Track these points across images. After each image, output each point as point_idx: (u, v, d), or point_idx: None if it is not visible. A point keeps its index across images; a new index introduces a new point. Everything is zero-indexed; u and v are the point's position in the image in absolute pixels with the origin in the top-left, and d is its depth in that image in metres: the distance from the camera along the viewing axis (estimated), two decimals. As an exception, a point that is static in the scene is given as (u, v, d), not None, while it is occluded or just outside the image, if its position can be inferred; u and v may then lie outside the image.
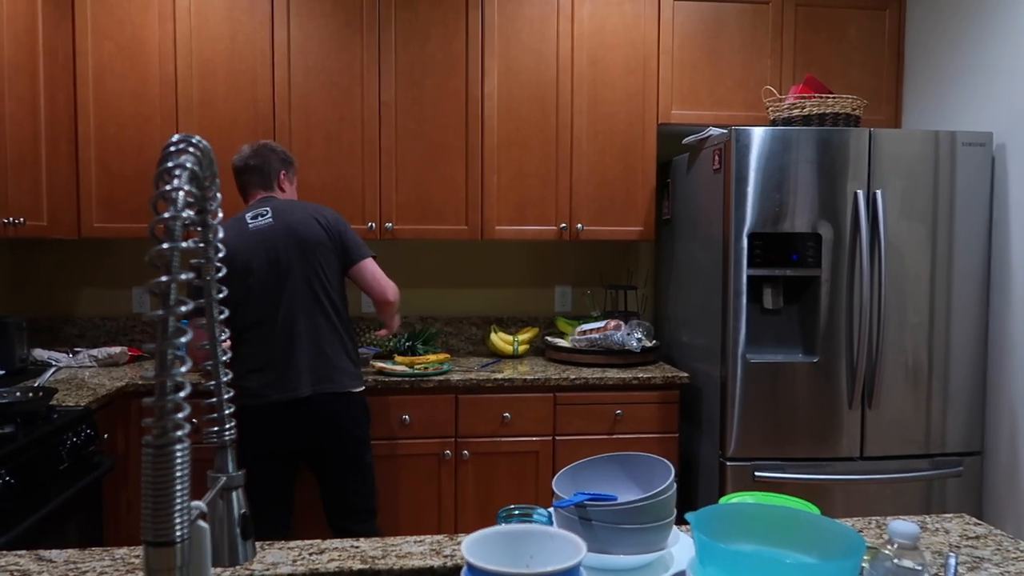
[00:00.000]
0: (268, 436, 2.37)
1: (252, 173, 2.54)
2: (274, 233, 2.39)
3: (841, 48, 3.31)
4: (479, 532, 0.84)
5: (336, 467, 2.44)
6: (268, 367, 2.35)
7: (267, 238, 2.39)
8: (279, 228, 2.40)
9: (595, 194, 3.21)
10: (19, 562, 1.20)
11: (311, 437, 2.39)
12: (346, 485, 2.46)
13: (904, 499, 2.75)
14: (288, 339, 2.36)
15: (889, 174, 2.69)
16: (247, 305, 2.37)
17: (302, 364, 2.35)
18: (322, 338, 2.39)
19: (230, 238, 2.38)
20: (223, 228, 2.41)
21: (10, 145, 2.52)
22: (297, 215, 2.43)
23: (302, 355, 2.36)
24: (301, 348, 2.36)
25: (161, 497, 0.68)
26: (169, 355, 0.70)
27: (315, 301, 2.40)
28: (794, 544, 0.87)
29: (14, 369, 2.74)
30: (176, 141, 0.78)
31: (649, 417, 2.93)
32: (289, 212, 2.44)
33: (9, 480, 1.83)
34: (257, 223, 2.41)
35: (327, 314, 2.41)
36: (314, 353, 2.37)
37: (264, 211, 2.44)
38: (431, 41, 3.10)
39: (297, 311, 2.37)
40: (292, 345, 2.36)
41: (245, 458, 2.38)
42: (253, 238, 2.38)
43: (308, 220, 2.43)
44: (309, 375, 2.36)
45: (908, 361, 2.73)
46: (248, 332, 2.38)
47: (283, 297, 2.37)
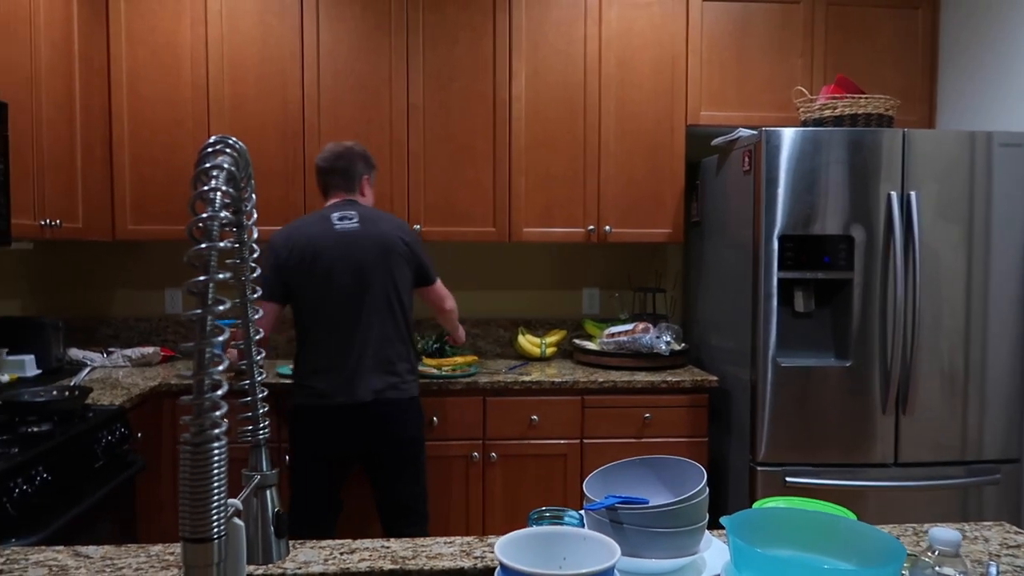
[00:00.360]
0: (328, 437, 2.40)
1: (337, 175, 2.55)
2: (360, 239, 2.42)
3: (873, 48, 3.26)
4: (512, 533, 0.84)
5: (393, 469, 2.48)
6: (336, 369, 2.38)
7: (353, 243, 2.42)
8: (366, 235, 2.43)
9: (623, 196, 3.19)
10: (57, 557, 1.22)
11: (372, 440, 2.44)
12: (401, 487, 2.50)
13: (939, 507, 2.69)
14: (359, 344, 2.40)
15: (923, 175, 2.65)
16: (323, 305, 2.40)
17: (368, 370, 2.40)
18: (390, 346, 2.44)
19: (313, 234, 2.41)
20: (302, 222, 2.45)
21: (47, 149, 2.57)
22: (383, 227, 2.47)
23: (370, 361, 2.41)
24: (369, 354, 2.41)
25: (199, 494, 0.69)
26: (207, 354, 0.71)
27: (388, 310, 2.44)
28: (831, 550, 0.85)
29: (51, 368, 2.79)
30: (214, 142, 0.79)
31: (678, 421, 2.90)
32: (376, 222, 2.47)
33: (46, 477, 1.86)
34: (344, 225, 2.44)
35: (396, 323, 2.46)
36: (381, 360, 2.42)
37: (351, 214, 2.46)
38: (459, 44, 3.11)
39: (372, 318, 2.42)
40: (362, 350, 2.40)
41: (302, 458, 2.42)
42: (338, 239, 2.41)
43: (393, 234, 2.47)
44: (374, 381, 2.40)
45: (944, 365, 2.68)
46: (320, 332, 2.41)
47: (361, 303, 2.41)
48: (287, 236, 2.43)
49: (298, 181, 3.07)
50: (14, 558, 1.21)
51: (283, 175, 3.07)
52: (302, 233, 2.43)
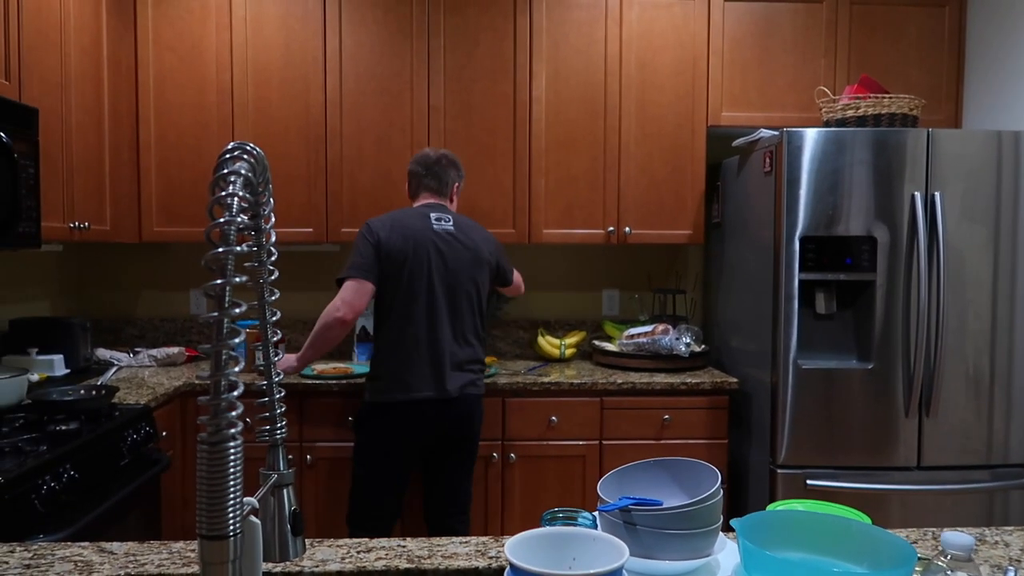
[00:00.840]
0: (412, 431, 2.46)
1: (432, 178, 2.64)
2: (456, 243, 2.53)
3: (898, 47, 3.23)
4: (522, 534, 0.85)
5: (457, 462, 2.58)
6: (425, 364, 2.45)
7: (449, 244, 2.51)
8: (461, 240, 2.54)
9: (643, 197, 3.19)
10: (82, 553, 1.24)
11: (451, 434, 2.52)
12: (459, 481, 2.60)
13: (964, 511, 2.66)
14: (446, 341, 2.48)
15: (949, 176, 2.61)
16: (416, 299, 2.46)
17: (453, 366, 2.49)
18: (469, 345, 2.54)
19: (415, 227, 2.48)
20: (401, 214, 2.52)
21: (76, 153, 2.62)
22: (475, 236, 2.59)
23: (454, 358, 2.49)
24: (455, 351, 2.49)
25: (215, 492, 0.71)
26: (224, 355, 0.72)
27: (470, 312, 2.55)
28: (843, 554, 0.85)
29: (79, 368, 2.84)
30: (231, 149, 0.80)
31: (697, 423, 2.89)
32: (469, 229, 2.59)
33: (74, 475, 1.91)
34: (441, 226, 2.53)
35: (476, 324, 2.57)
36: (463, 357, 2.52)
37: (446, 217, 2.56)
38: (480, 46, 3.12)
39: (457, 318, 2.51)
40: (448, 347, 2.48)
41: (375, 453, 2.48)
42: (437, 238, 2.50)
43: (482, 243, 2.59)
44: (458, 377, 2.49)
45: (969, 368, 2.64)
46: (409, 325, 2.46)
47: (450, 302, 2.50)
48: (389, 221, 2.50)
49: (320, 184, 3.10)
50: (41, 553, 1.24)
51: (305, 179, 3.11)
52: (403, 223, 2.49)
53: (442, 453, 2.56)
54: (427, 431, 2.48)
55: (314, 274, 3.49)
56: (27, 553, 1.24)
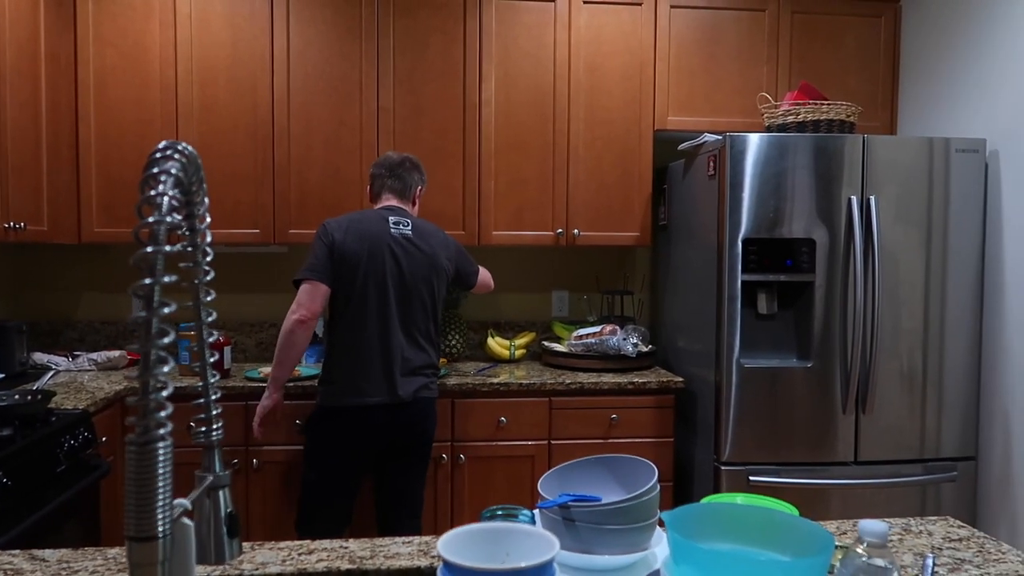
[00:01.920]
0: (367, 434, 2.44)
1: (395, 179, 2.61)
2: (413, 248, 2.50)
3: (838, 55, 3.33)
4: (455, 530, 0.86)
5: (410, 464, 2.56)
6: (378, 369, 2.43)
7: (405, 249, 2.49)
8: (418, 245, 2.51)
9: (592, 200, 3.22)
10: (13, 561, 1.21)
11: (403, 438, 2.50)
12: (412, 482, 2.59)
13: (899, 504, 2.75)
14: (400, 346, 2.46)
15: (883, 180, 2.71)
16: (368, 303, 2.43)
17: (408, 371, 2.47)
18: (423, 350, 2.53)
19: (371, 231, 2.45)
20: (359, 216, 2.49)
21: (11, 150, 2.55)
22: (433, 241, 2.57)
23: (408, 363, 2.47)
24: (408, 356, 2.47)
25: (143, 493, 0.70)
26: (152, 355, 0.72)
27: (424, 317, 2.53)
28: (769, 544, 0.88)
29: (14, 372, 2.76)
30: (162, 147, 0.80)
31: (645, 421, 2.94)
32: (428, 235, 2.56)
33: (6, 482, 1.85)
34: (399, 230, 2.50)
35: (429, 330, 2.55)
36: (417, 362, 2.50)
37: (405, 221, 2.53)
38: (430, 48, 3.12)
39: (412, 322, 2.49)
40: (402, 352, 2.46)
41: (325, 457, 2.45)
42: (394, 242, 2.47)
43: (440, 249, 2.58)
44: (412, 381, 2.47)
45: (902, 366, 2.74)
46: (361, 330, 2.43)
47: (405, 307, 2.47)
48: (345, 223, 2.46)
49: (267, 183, 3.06)
50: (-31, 561, 1.21)
51: (253, 178, 3.07)
52: (360, 226, 2.46)
53: (394, 457, 2.54)
54: (379, 436, 2.46)
55: (261, 276, 3.44)
56: (-46, 562, 1.21)
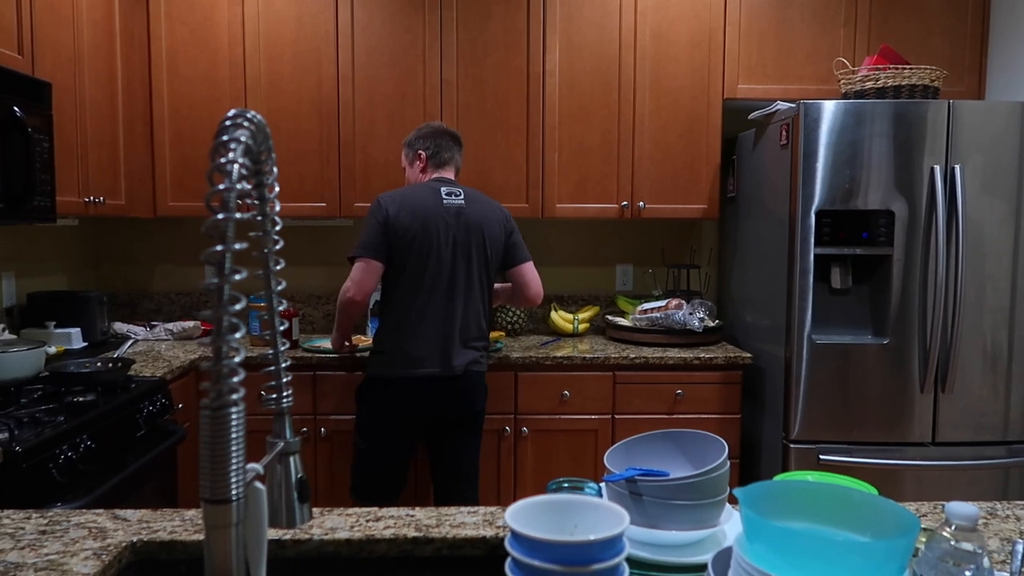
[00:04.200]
0: (417, 404, 2.46)
1: (458, 152, 2.63)
2: (465, 218, 2.49)
3: (920, 17, 3.15)
4: (524, 500, 0.85)
5: (462, 436, 2.57)
6: (431, 340, 2.44)
7: (458, 220, 2.48)
8: (471, 216, 2.50)
9: (658, 171, 3.16)
10: (97, 520, 1.27)
11: (453, 410, 2.51)
12: (466, 454, 2.59)
13: (979, 487, 2.64)
14: (453, 318, 2.47)
15: (970, 148, 2.57)
16: (423, 275, 2.45)
17: (459, 343, 2.48)
18: (476, 323, 2.52)
19: (424, 204, 2.46)
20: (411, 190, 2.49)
21: (90, 127, 2.63)
22: (486, 210, 2.54)
23: (460, 335, 2.48)
24: (461, 328, 2.48)
25: (217, 457, 0.71)
26: (224, 322, 0.72)
27: (479, 289, 2.52)
28: (847, 523, 0.85)
29: (96, 341, 2.88)
30: (232, 116, 0.80)
31: (710, 397, 2.89)
32: (480, 204, 2.54)
33: (90, 445, 1.94)
34: (451, 201, 2.49)
35: (484, 302, 2.55)
36: (469, 335, 2.51)
37: (457, 192, 2.52)
38: (492, 19, 3.09)
39: (465, 295, 2.49)
40: (455, 324, 2.47)
41: (378, 426, 2.48)
42: (446, 214, 2.46)
43: (493, 217, 2.55)
44: (464, 354, 2.48)
45: (986, 344, 2.61)
46: (416, 301, 2.45)
47: (457, 279, 2.47)
48: (399, 197, 2.47)
49: (333, 159, 3.10)
50: (56, 519, 1.26)
51: (318, 153, 3.10)
52: (413, 199, 2.46)
53: (446, 428, 2.55)
54: (428, 407, 2.47)
55: (327, 249, 3.49)
56: (43, 519, 1.26)
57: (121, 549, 1.16)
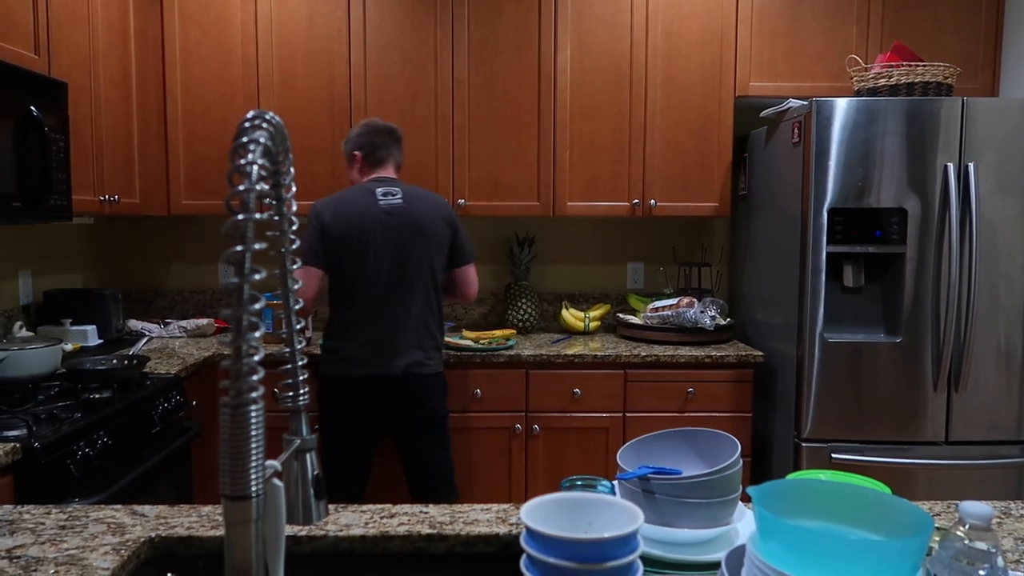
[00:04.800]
0: (356, 406, 2.45)
1: (397, 148, 2.58)
2: (403, 217, 2.45)
3: (933, 13, 3.14)
4: (538, 498, 0.86)
5: (419, 436, 2.53)
6: (371, 342, 2.42)
7: (396, 220, 2.44)
8: (408, 214, 2.46)
9: (669, 169, 3.16)
10: (115, 515, 1.28)
11: (397, 411, 2.48)
12: (431, 453, 2.55)
13: (993, 486, 2.63)
14: (394, 319, 2.44)
15: (983, 146, 2.55)
16: (362, 279, 2.43)
17: (401, 345, 2.44)
18: (421, 324, 2.48)
19: (359, 207, 2.43)
20: (346, 194, 2.46)
21: (105, 126, 2.66)
22: (426, 207, 2.49)
23: (403, 336, 2.45)
24: (403, 330, 2.45)
25: (238, 454, 0.72)
26: (244, 320, 0.73)
27: (423, 289, 2.48)
28: (861, 522, 0.85)
29: (111, 338, 2.91)
30: (251, 117, 0.81)
31: (722, 396, 2.88)
32: (422, 202, 2.49)
33: (107, 441, 1.96)
34: (388, 201, 2.45)
35: (429, 302, 2.50)
36: (413, 336, 2.46)
37: (394, 191, 2.48)
38: (503, 17, 3.09)
39: (407, 295, 2.46)
40: (397, 326, 2.44)
41: (330, 425, 2.47)
42: (382, 215, 2.43)
43: (435, 215, 2.50)
44: (405, 356, 2.44)
45: (1000, 343, 2.60)
46: (356, 305, 2.44)
47: (399, 280, 2.44)
48: (333, 204, 2.46)
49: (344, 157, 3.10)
50: (76, 515, 1.28)
51: (330, 152, 3.12)
52: (348, 204, 2.45)
53: (403, 429, 2.51)
54: (372, 408, 2.44)
55: (340, 247, 3.50)
56: (62, 514, 1.28)
57: (140, 544, 1.17)
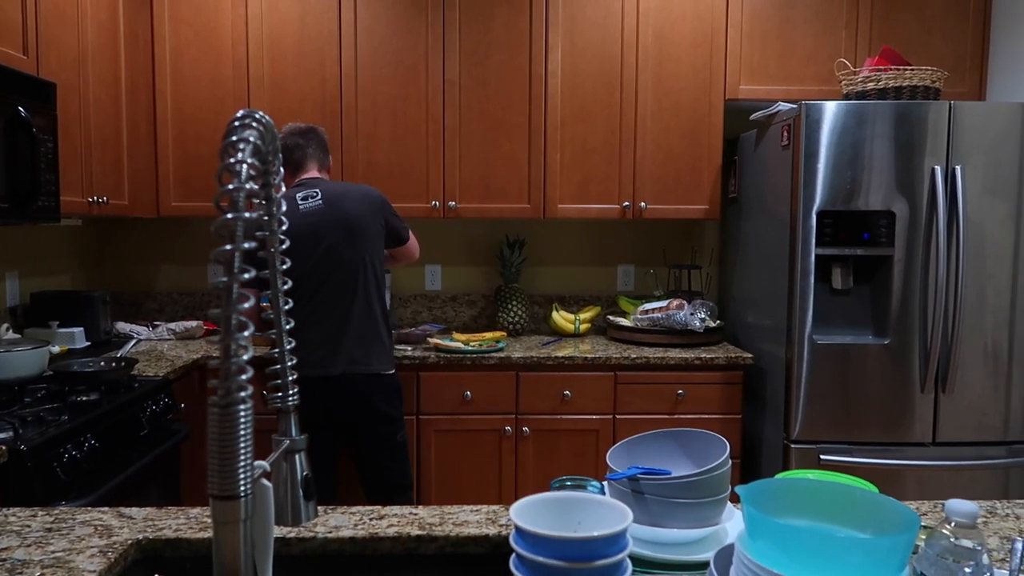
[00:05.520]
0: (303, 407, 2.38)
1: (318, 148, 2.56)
2: (324, 219, 2.41)
3: (921, 18, 3.16)
4: (528, 498, 0.86)
5: (369, 445, 2.49)
6: (309, 343, 2.39)
7: (318, 221, 2.40)
8: (329, 212, 2.41)
9: (659, 172, 3.17)
10: (102, 518, 1.28)
11: (341, 414, 2.45)
12: (379, 463, 2.51)
13: (980, 487, 2.65)
14: (332, 321, 2.41)
15: (970, 149, 2.57)
16: (298, 286, 2.40)
17: (342, 346, 2.41)
18: (361, 322, 2.44)
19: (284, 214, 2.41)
20: None
21: (94, 127, 2.64)
22: (353, 203, 2.44)
23: (343, 337, 2.41)
24: (344, 331, 2.41)
25: (226, 454, 0.72)
26: (233, 320, 0.73)
27: (363, 287, 2.44)
28: (848, 521, 0.85)
29: (99, 341, 2.89)
30: (240, 116, 0.81)
31: (712, 398, 2.89)
32: (345, 199, 2.45)
33: (95, 444, 1.94)
34: (307, 205, 2.42)
35: (368, 299, 2.46)
36: (351, 336, 2.42)
37: (314, 192, 2.44)
38: (495, 19, 3.10)
39: (344, 296, 2.42)
40: (336, 327, 2.41)
41: None
42: (303, 220, 2.40)
43: (362, 209, 2.45)
44: (344, 356, 2.41)
45: (987, 344, 2.62)
46: (295, 312, 2.41)
47: (328, 280, 2.41)
48: None
49: (335, 158, 3.10)
50: (63, 517, 1.27)
51: (321, 152, 3.11)
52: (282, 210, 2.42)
53: (351, 435, 2.49)
54: (315, 411, 2.41)
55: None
56: (49, 517, 1.27)
57: (127, 547, 1.16)
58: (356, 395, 2.43)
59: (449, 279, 3.53)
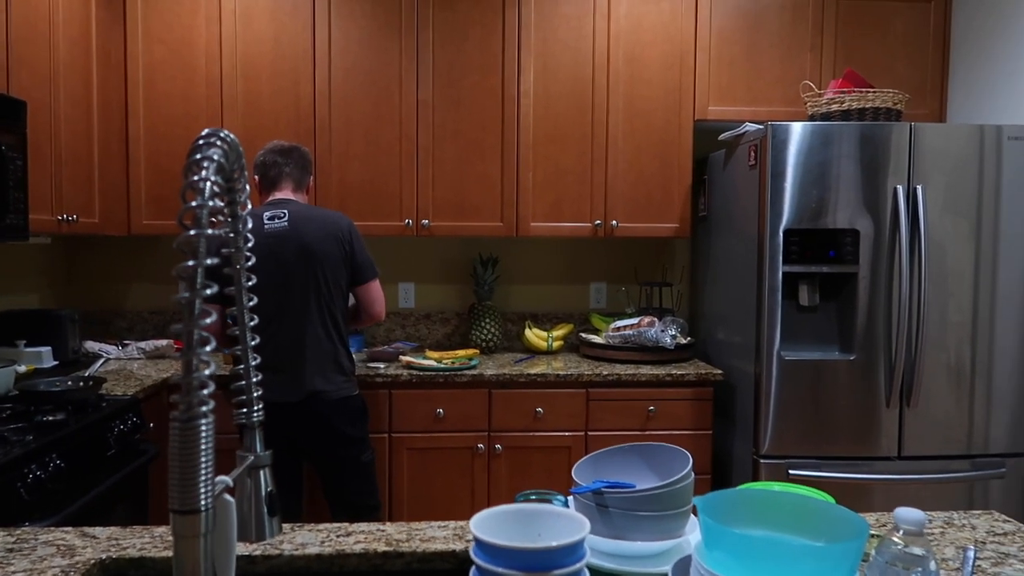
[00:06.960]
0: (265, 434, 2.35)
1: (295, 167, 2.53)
2: (285, 240, 2.38)
3: (884, 42, 3.25)
4: (488, 510, 0.87)
5: (333, 468, 2.47)
6: (265, 370, 2.34)
7: (278, 244, 2.37)
8: (292, 235, 2.38)
9: (631, 191, 3.21)
10: (65, 538, 1.26)
11: (304, 440, 2.43)
12: (344, 484, 2.48)
13: (945, 500, 2.69)
14: (288, 345, 2.38)
15: (931, 169, 2.64)
16: (260, 307, 2.36)
17: (300, 370, 2.38)
18: (317, 347, 2.41)
19: None
20: None
21: (65, 145, 2.63)
22: (313, 226, 2.41)
23: (301, 362, 2.39)
24: (300, 355, 2.39)
25: (187, 467, 0.73)
26: (195, 335, 0.74)
27: (317, 311, 2.40)
28: (803, 530, 0.87)
29: (67, 360, 2.86)
30: (205, 135, 0.82)
31: (683, 414, 2.92)
32: (310, 222, 2.42)
33: (60, 464, 1.92)
34: (272, 225, 2.39)
35: (325, 324, 2.42)
36: (312, 361, 2.40)
37: (282, 213, 2.41)
38: (469, 40, 3.14)
39: (299, 320, 2.39)
40: (293, 351, 2.38)
41: None
42: (265, 240, 2.37)
43: (325, 234, 2.42)
44: (302, 381, 2.38)
45: (950, 359, 2.67)
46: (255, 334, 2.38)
47: (287, 305, 2.38)
48: None
49: (309, 176, 3.11)
50: (24, 537, 1.26)
51: (294, 170, 3.11)
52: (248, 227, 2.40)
53: (315, 458, 2.47)
54: (275, 434, 2.38)
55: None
56: (10, 537, 1.26)
57: (90, 566, 1.15)
58: (318, 420, 2.40)
59: (422, 297, 3.54)
